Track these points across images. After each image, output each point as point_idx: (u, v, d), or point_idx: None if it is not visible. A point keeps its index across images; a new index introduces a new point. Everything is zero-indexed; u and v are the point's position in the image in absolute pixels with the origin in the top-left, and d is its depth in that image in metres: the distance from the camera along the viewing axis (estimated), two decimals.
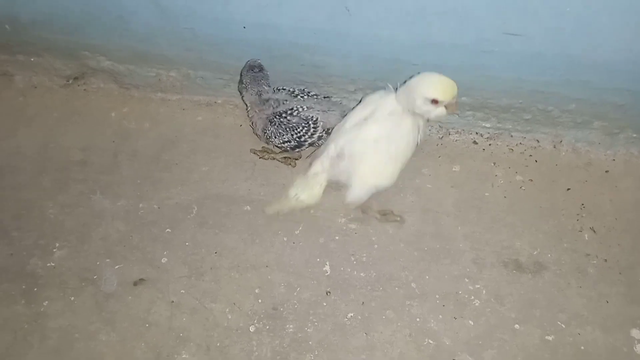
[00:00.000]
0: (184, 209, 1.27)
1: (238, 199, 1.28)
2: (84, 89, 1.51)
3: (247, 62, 1.26)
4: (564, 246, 1.21)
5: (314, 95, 1.27)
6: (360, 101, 1.21)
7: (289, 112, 1.22)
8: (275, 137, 1.24)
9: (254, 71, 1.25)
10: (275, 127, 1.22)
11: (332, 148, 1.13)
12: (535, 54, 1.16)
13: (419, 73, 1.08)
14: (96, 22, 1.33)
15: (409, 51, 1.20)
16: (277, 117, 1.22)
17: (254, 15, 1.20)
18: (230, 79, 1.41)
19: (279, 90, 1.27)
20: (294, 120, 1.22)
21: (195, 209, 1.27)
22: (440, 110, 1.06)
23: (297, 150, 1.27)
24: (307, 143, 1.25)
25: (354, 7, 1.13)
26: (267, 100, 1.24)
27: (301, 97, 1.25)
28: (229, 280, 1.17)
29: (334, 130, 1.18)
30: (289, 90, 1.26)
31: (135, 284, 1.17)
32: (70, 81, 1.51)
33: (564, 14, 1.05)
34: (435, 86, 1.04)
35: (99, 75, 1.50)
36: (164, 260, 1.20)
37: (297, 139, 1.23)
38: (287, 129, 1.22)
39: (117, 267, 1.20)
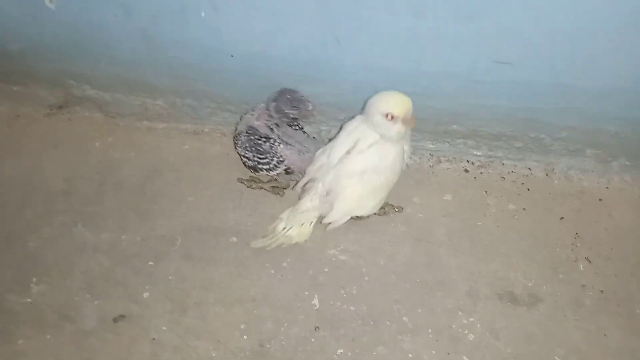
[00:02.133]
0: (168, 241, 1.23)
1: (225, 230, 1.25)
2: (69, 118, 1.48)
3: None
4: (559, 277, 1.18)
5: (304, 132, 1.24)
6: (340, 128, 1.19)
7: (264, 138, 1.18)
8: (240, 146, 1.21)
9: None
10: (246, 138, 1.19)
11: (320, 187, 1.10)
12: (526, 82, 1.14)
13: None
14: (83, 50, 1.30)
15: (401, 80, 1.18)
16: (253, 134, 1.19)
17: (244, 45, 1.18)
18: (218, 107, 1.39)
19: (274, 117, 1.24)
20: (264, 147, 1.19)
21: (180, 240, 1.23)
22: (398, 127, 1.03)
23: (251, 170, 1.24)
24: (263, 170, 1.22)
25: (345, 37, 1.12)
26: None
27: (296, 130, 1.22)
28: (214, 315, 1.12)
29: (319, 166, 1.14)
30: (291, 120, 1.23)
31: (115, 320, 1.12)
32: (55, 110, 1.48)
33: (555, 41, 1.03)
34: (388, 100, 1.04)
35: (84, 104, 1.47)
36: (146, 295, 1.16)
37: (256, 164, 1.21)
38: (254, 149, 1.19)
39: (97, 302, 1.15)
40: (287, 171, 1.21)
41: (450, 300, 1.14)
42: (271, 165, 1.20)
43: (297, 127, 1.23)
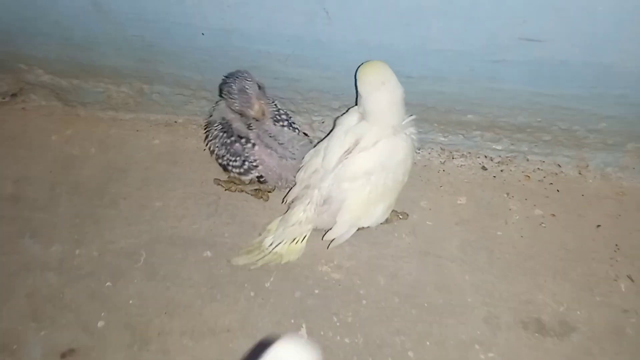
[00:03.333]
0: (129, 256, 1.04)
1: (197, 243, 1.05)
2: (23, 108, 1.28)
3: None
4: (595, 300, 0.98)
5: (296, 129, 1.04)
6: (334, 124, 0.99)
7: (238, 137, 0.99)
8: (212, 140, 1.03)
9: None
10: (217, 133, 1.01)
11: (316, 195, 0.90)
12: (558, 62, 0.93)
13: None
14: (30, 29, 1.11)
15: (403, 60, 0.98)
16: (225, 129, 1.00)
17: (215, 19, 0.98)
18: (192, 94, 1.19)
19: (271, 102, 1.04)
20: (234, 147, 0.99)
21: (144, 255, 1.05)
22: None
23: (222, 169, 1.05)
24: (232, 173, 1.03)
25: (335, 9, 0.91)
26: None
27: (283, 127, 1.02)
28: (181, 349, 0.94)
29: (312, 170, 0.95)
30: (277, 110, 1.04)
31: (63, 355, 0.94)
32: (7, 99, 1.28)
33: (595, 14, 0.83)
34: (360, 76, 0.89)
35: (40, 92, 1.27)
36: (100, 323, 0.97)
37: (226, 163, 1.02)
38: (226, 147, 1.00)
39: (43, 333, 0.97)
40: (260, 179, 1.02)
41: (464, 329, 0.95)
42: (242, 170, 1.00)
43: (284, 123, 1.02)
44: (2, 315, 0.99)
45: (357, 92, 0.94)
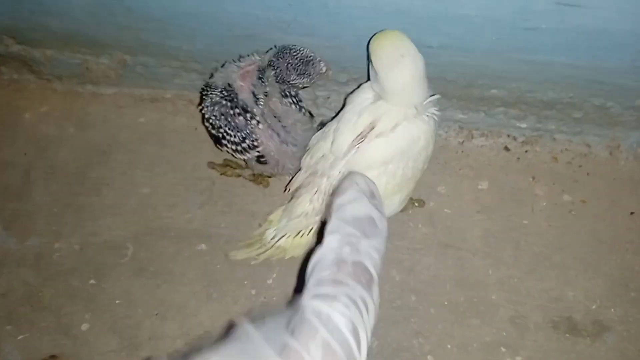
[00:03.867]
0: (115, 249, 0.94)
1: (190, 234, 0.95)
2: None
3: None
4: (631, 295, 0.90)
5: (300, 107, 0.91)
6: (344, 102, 0.87)
7: (243, 110, 0.86)
8: (208, 107, 0.88)
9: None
10: (218, 102, 0.87)
11: (324, 183, 0.80)
12: (598, 31, 0.82)
13: None
14: None
15: (423, 27, 0.86)
16: (230, 98, 0.87)
17: None
18: (181, 66, 1.06)
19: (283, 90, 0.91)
20: (237, 120, 0.86)
21: (131, 249, 0.94)
22: None
23: (215, 143, 0.92)
24: (225, 148, 0.90)
25: None
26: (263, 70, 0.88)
27: (290, 104, 0.89)
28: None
29: (319, 156, 0.83)
30: (285, 95, 0.90)
31: None
32: None
33: None
34: (375, 48, 0.77)
35: (10, 64, 1.14)
36: (84, 326, 0.88)
37: (221, 136, 0.89)
38: (226, 118, 0.87)
39: (20, 337, 0.88)
40: (260, 160, 0.90)
41: (489, 330, 0.87)
42: (240, 147, 0.88)
43: (292, 101, 0.90)
44: None
45: (369, 66, 0.83)
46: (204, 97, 0.91)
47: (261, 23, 0.92)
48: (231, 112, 0.86)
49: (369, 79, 0.85)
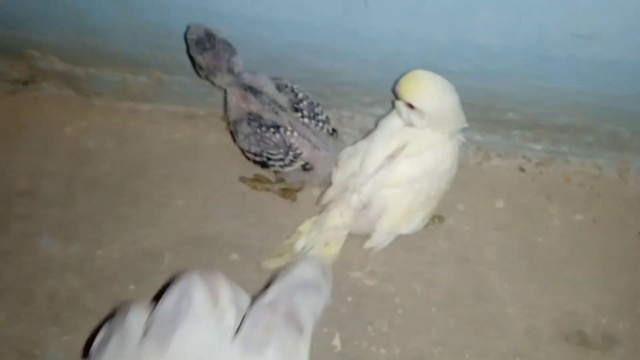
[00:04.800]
0: (153, 257, 1.00)
1: (223, 244, 1.01)
2: (35, 97, 1.22)
3: (187, 36, 0.92)
4: (638, 311, 0.94)
5: (321, 121, 0.96)
6: (376, 125, 0.93)
7: (272, 128, 0.92)
8: (243, 140, 0.94)
9: (203, 46, 0.91)
10: (251, 130, 0.93)
11: (354, 199, 0.85)
12: (610, 61, 0.87)
13: None
14: (46, 14, 1.03)
15: (445, 54, 0.92)
16: (258, 123, 0.92)
17: (244, 7, 0.91)
18: (214, 86, 1.12)
19: (285, 87, 0.96)
20: (273, 140, 0.92)
21: (168, 257, 1.00)
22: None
23: (261, 167, 0.98)
24: (275, 167, 0.96)
25: None
26: (258, 92, 0.93)
27: (302, 118, 0.94)
28: None
29: (350, 173, 0.89)
30: (295, 97, 0.95)
31: None
32: (19, 87, 1.22)
33: None
34: (410, 85, 0.83)
35: (53, 80, 1.21)
36: None
37: (266, 159, 0.94)
38: (262, 143, 0.92)
39: (65, 338, 0.93)
40: (306, 167, 0.95)
41: (505, 341, 0.91)
42: (286, 161, 0.93)
43: (306, 114, 0.95)
44: (21, 319, 0.95)
45: (395, 96, 0.88)
46: (233, 132, 0.97)
47: (292, 47, 0.98)
48: (266, 134, 0.91)
49: (392, 105, 0.91)
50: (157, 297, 0.35)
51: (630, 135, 1.03)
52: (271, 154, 0.93)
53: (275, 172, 0.99)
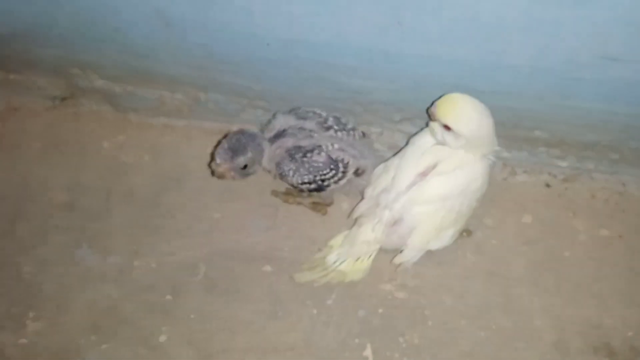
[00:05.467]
0: (188, 268, 1.03)
1: (256, 257, 1.04)
2: (74, 112, 1.26)
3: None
4: None
5: (350, 129, 1.00)
6: (407, 143, 0.96)
7: (315, 150, 0.95)
8: (293, 176, 0.97)
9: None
10: (296, 164, 0.96)
11: (386, 214, 0.88)
12: (636, 82, 0.90)
13: None
14: (88, 34, 1.08)
15: (475, 74, 0.95)
16: (299, 153, 0.96)
17: (282, 30, 0.95)
18: (248, 103, 1.17)
19: (307, 113, 1.00)
20: (320, 160, 0.96)
21: (203, 268, 1.03)
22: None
23: (316, 192, 1.01)
24: (330, 187, 0.99)
25: (410, 20, 0.87)
26: (284, 131, 0.98)
27: (334, 131, 0.98)
28: None
29: (381, 189, 0.92)
30: (320, 117, 0.99)
31: None
32: (57, 103, 1.27)
33: None
34: (440, 106, 0.85)
35: (91, 96, 1.25)
36: (162, 338, 0.96)
37: (320, 182, 0.98)
38: (311, 170, 0.96)
39: (104, 346, 0.96)
40: (358, 172, 0.99)
41: (534, 353, 0.93)
42: (339, 175, 0.97)
43: (337, 128, 0.99)
44: (62, 328, 0.98)
45: (429, 116, 0.91)
46: (282, 177, 0.99)
47: (328, 68, 1.01)
48: (313, 158, 0.95)
49: (426, 124, 0.94)
50: None
51: None
52: (323, 175, 0.96)
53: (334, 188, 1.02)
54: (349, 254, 0.94)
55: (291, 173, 0.97)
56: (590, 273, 1.00)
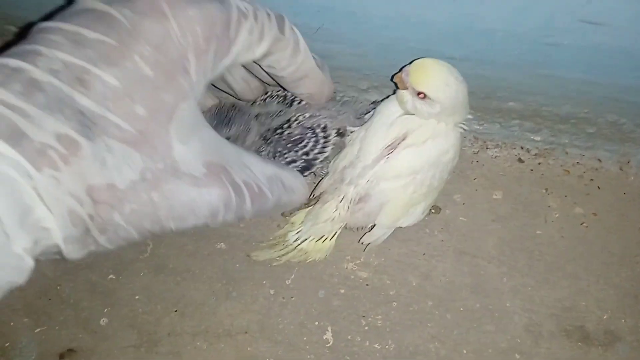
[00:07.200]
0: (134, 245, 0.94)
1: (209, 233, 0.96)
2: None
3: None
4: None
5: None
6: (373, 112, 0.89)
7: (286, 124, 0.87)
8: (275, 159, 0.89)
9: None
10: (273, 145, 0.87)
11: (351, 191, 0.81)
12: (617, 49, 0.84)
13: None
14: None
15: (446, 39, 0.88)
16: (272, 133, 0.87)
17: None
18: None
19: (265, 99, 0.91)
20: (296, 132, 0.87)
21: (151, 246, 0.94)
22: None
23: (307, 173, 0.92)
24: (318, 160, 0.89)
25: None
26: (251, 121, 0.89)
27: (298, 103, 0.89)
28: (194, 352, 0.85)
29: (346, 163, 0.84)
30: (280, 97, 0.89)
31: (62, 356, 0.85)
32: None
33: None
34: (414, 72, 0.77)
35: None
36: (103, 321, 0.88)
37: (305, 156, 0.88)
38: (289, 146, 0.87)
39: (37, 330, 0.87)
40: (340, 132, 0.89)
41: (504, 337, 0.88)
42: (321, 143, 0.87)
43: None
44: None
45: (395, 85, 0.84)
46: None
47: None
48: (288, 132, 0.86)
49: (393, 92, 0.86)
50: None
51: (633, 127, 1.00)
52: (304, 148, 0.86)
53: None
54: (312, 232, 0.87)
55: (272, 157, 0.88)
56: (564, 253, 0.95)
